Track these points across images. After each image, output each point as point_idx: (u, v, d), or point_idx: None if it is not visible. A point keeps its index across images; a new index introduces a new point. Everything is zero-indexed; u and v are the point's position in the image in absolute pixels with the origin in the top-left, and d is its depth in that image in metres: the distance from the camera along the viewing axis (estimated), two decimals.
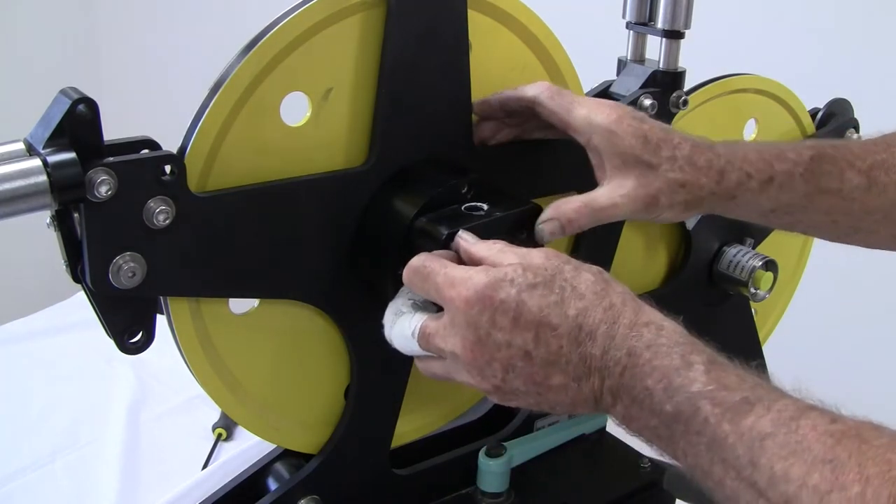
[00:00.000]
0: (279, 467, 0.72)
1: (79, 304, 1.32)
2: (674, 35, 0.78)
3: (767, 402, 0.49)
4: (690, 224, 0.86)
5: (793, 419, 0.47)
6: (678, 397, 0.51)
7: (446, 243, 0.61)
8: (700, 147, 0.66)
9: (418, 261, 0.59)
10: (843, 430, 0.46)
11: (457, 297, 0.56)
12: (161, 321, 0.62)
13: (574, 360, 0.54)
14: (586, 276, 0.56)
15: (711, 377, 0.51)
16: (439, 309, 0.59)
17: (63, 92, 0.54)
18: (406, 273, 0.59)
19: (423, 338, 0.58)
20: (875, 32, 1.34)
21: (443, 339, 0.57)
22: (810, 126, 0.92)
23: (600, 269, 0.57)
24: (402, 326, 0.60)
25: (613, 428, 0.85)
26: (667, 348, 0.52)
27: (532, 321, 0.54)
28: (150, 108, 2.06)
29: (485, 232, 0.61)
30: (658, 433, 0.52)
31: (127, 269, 0.56)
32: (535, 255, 0.57)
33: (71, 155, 0.53)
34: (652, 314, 0.55)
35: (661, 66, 0.79)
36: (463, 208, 0.64)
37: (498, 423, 0.82)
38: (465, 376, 0.58)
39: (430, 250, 0.60)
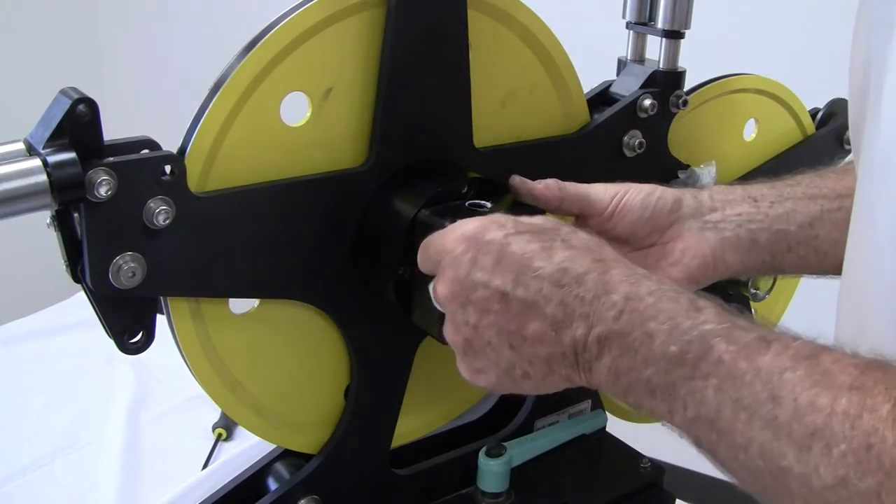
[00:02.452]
0: (279, 467, 0.72)
1: (79, 304, 1.32)
2: (674, 35, 0.78)
3: (785, 341, 0.47)
4: None
5: (813, 355, 0.46)
6: (687, 337, 0.48)
7: None
8: None
9: (425, 240, 0.59)
10: (866, 362, 0.45)
11: (448, 241, 0.56)
12: (161, 321, 0.62)
13: (554, 301, 0.52)
14: (582, 234, 0.56)
15: (724, 318, 0.49)
16: None
17: (63, 92, 0.54)
18: (418, 255, 0.59)
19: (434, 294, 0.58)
20: None
21: (435, 289, 0.57)
22: (810, 126, 0.92)
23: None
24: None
25: (613, 428, 0.85)
26: (672, 293, 0.51)
27: (514, 262, 0.54)
28: (150, 108, 2.06)
29: None
30: (651, 385, 0.49)
31: (127, 269, 0.56)
32: (534, 217, 0.58)
33: (71, 155, 0.53)
34: (649, 273, 0.54)
35: (661, 66, 0.79)
36: (467, 205, 0.64)
37: (498, 423, 0.82)
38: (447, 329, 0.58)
39: None
